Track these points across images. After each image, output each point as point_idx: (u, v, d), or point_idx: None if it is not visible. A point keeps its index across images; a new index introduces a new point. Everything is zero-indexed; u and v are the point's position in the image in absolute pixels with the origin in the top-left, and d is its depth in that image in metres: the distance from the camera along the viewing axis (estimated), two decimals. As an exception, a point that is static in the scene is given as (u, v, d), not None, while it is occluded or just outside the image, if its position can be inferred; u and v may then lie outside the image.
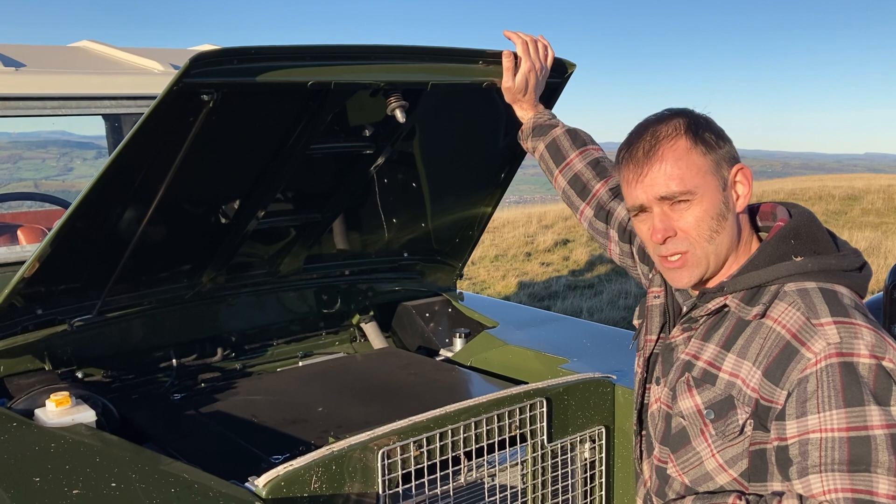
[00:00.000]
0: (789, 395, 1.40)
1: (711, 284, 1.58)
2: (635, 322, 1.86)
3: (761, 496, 1.45)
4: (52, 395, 2.07)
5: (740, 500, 1.43)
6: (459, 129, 2.63)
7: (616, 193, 2.04)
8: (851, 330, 1.38)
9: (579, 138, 2.12)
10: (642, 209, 1.56)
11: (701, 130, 1.52)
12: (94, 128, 4.17)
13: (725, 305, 1.54)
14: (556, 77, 2.30)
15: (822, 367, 1.37)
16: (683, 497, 1.55)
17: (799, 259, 1.49)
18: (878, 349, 1.37)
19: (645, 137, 1.53)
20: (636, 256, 1.97)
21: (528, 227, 14.21)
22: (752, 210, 1.65)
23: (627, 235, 1.99)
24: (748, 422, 1.47)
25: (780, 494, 1.42)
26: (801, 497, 1.38)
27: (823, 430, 1.36)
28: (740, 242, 1.57)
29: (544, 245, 12.64)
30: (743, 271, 1.53)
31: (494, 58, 2.15)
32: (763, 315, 1.47)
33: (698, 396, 1.54)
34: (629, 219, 1.98)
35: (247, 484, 1.72)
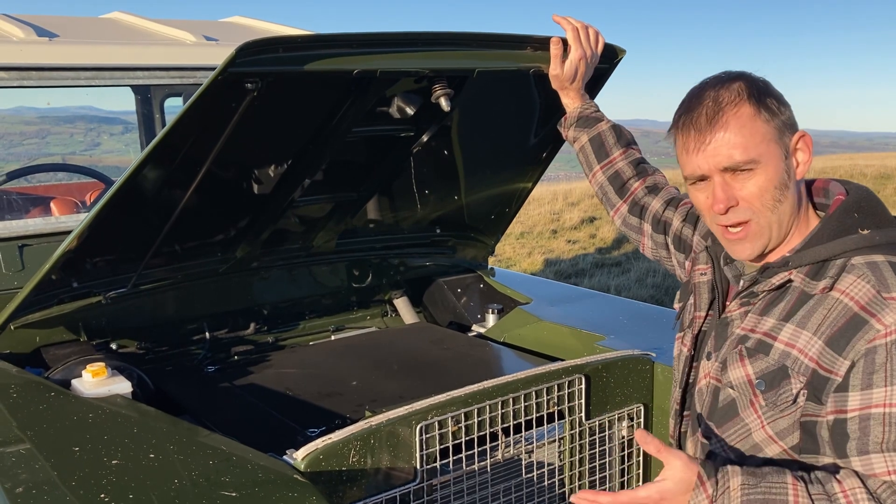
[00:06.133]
0: (853, 364, 1.36)
1: (773, 258, 1.53)
2: (676, 306, 1.83)
3: (813, 472, 1.38)
4: (88, 366, 2.08)
5: (799, 480, 1.35)
6: (502, 111, 2.58)
7: (651, 190, 2.03)
8: None
9: (623, 137, 2.10)
10: (702, 178, 1.50)
11: (763, 96, 1.46)
12: (121, 103, 4.17)
13: (790, 280, 1.49)
14: (605, 63, 2.24)
15: (892, 339, 1.32)
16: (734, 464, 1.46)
17: (866, 232, 1.44)
18: None
19: (705, 102, 1.46)
20: (671, 247, 1.94)
21: (553, 205, 14.10)
22: (805, 185, 1.59)
23: (662, 226, 1.97)
24: (802, 392, 1.43)
25: (837, 472, 1.37)
26: (859, 475, 1.34)
27: (888, 405, 1.32)
28: (800, 214, 1.52)
29: (570, 223, 12.54)
30: (807, 245, 1.48)
31: (542, 43, 2.10)
32: (831, 288, 1.42)
33: (750, 366, 1.51)
34: (664, 210, 1.98)
35: (285, 457, 1.71)
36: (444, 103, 2.16)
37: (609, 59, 2.26)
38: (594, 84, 2.26)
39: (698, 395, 1.68)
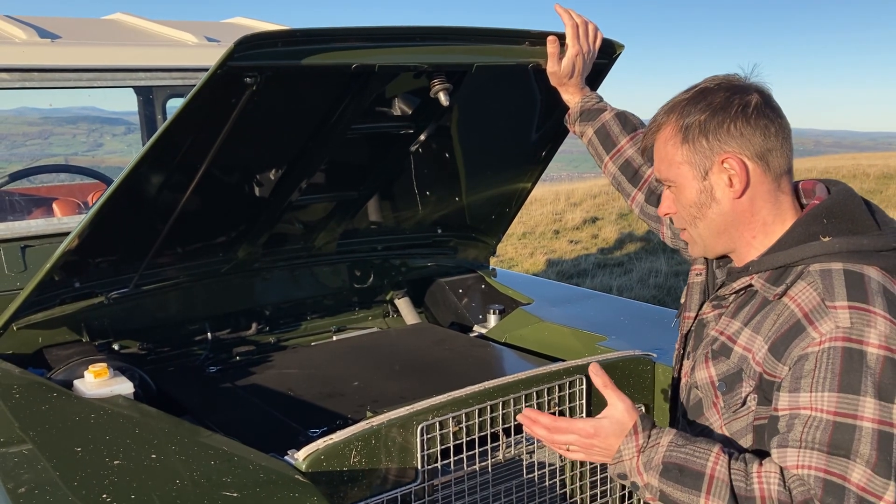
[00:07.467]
0: (789, 370, 1.39)
1: (740, 263, 1.56)
2: (682, 301, 1.84)
3: (743, 453, 1.44)
4: (90, 367, 2.08)
5: (723, 453, 1.41)
6: (501, 108, 2.58)
7: None
8: (865, 317, 1.34)
9: (629, 123, 2.07)
10: None
11: (691, 116, 1.48)
12: (124, 103, 4.18)
13: (751, 285, 1.51)
14: (604, 58, 2.23)
15: (824, 348, 1.35)
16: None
17: (826, 239, 1.44)
18: (893, 341, 1.32)
19: (655, 115, 1.56)
20: None
21: (555, 205, 14.10)
22: (795, 187, 1.59)
23: None
24: (751, 395, 1.47)
25: (763, 456, 1.41)
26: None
27: (813, 409, 1.35)
28: (758, 224, 1.51)
29: (572, 223, 12.54)
30: (771, 251, 1.50)
31: (540, 38, 2.09)
32: (783, 294, 1.45)
33: (713, 368, 1.55)
34: None
35: (286, 457, 1.71)
36: (443, 98, 2.16)
37: (607, 54, 2.25)
38: (594, 79, 2.25)
39: (680, 393, 1.72)
